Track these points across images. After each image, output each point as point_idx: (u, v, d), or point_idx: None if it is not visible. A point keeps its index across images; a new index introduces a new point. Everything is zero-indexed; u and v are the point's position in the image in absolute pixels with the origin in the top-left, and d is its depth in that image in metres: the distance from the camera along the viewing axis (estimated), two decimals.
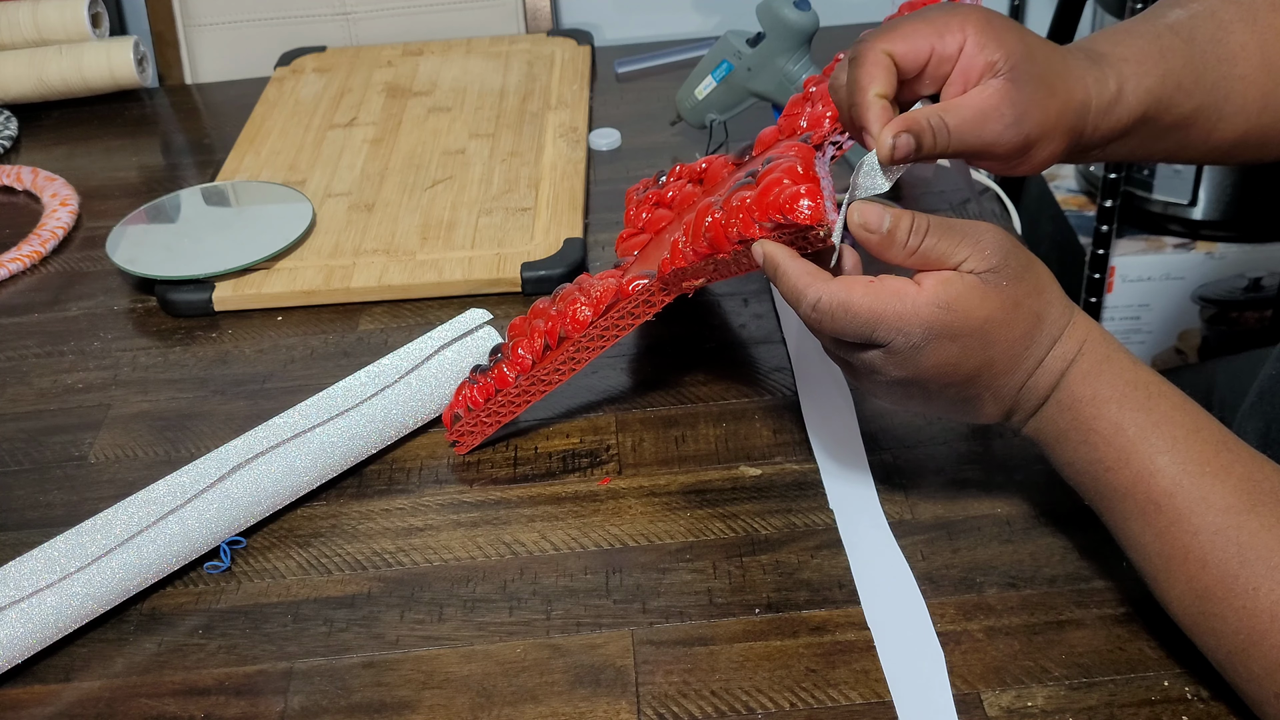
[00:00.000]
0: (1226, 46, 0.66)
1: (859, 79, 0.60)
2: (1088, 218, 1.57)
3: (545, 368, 0.72)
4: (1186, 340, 1.61)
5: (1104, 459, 0.58)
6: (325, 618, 0.67)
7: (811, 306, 0.58)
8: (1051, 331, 0.59)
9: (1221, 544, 0.55)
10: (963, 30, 0.61)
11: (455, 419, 0.75)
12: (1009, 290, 0.58)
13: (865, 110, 0.60)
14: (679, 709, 0.60)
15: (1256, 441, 0.79)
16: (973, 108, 0.61)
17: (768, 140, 0.75)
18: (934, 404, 0.61)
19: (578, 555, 0.69)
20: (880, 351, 0.58)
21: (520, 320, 0.76)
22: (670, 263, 0.68)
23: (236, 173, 1.05)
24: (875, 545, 0.68)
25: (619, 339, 0.72)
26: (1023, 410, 0.61)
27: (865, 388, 0.63)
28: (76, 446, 0.79)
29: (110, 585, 0.66)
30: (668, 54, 1.22)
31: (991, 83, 0.61)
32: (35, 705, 0.63)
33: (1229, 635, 0.55)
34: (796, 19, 0.95)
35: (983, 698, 0.60)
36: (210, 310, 0.90)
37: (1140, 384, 0.58)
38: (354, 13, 1.35)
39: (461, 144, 1.07)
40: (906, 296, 0.57)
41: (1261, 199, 1.52)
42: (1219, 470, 0.56)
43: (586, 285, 0.72)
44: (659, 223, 0.80)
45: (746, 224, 0.62)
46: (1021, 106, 0.61)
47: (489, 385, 0.74)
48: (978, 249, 0.58)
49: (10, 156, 1.15)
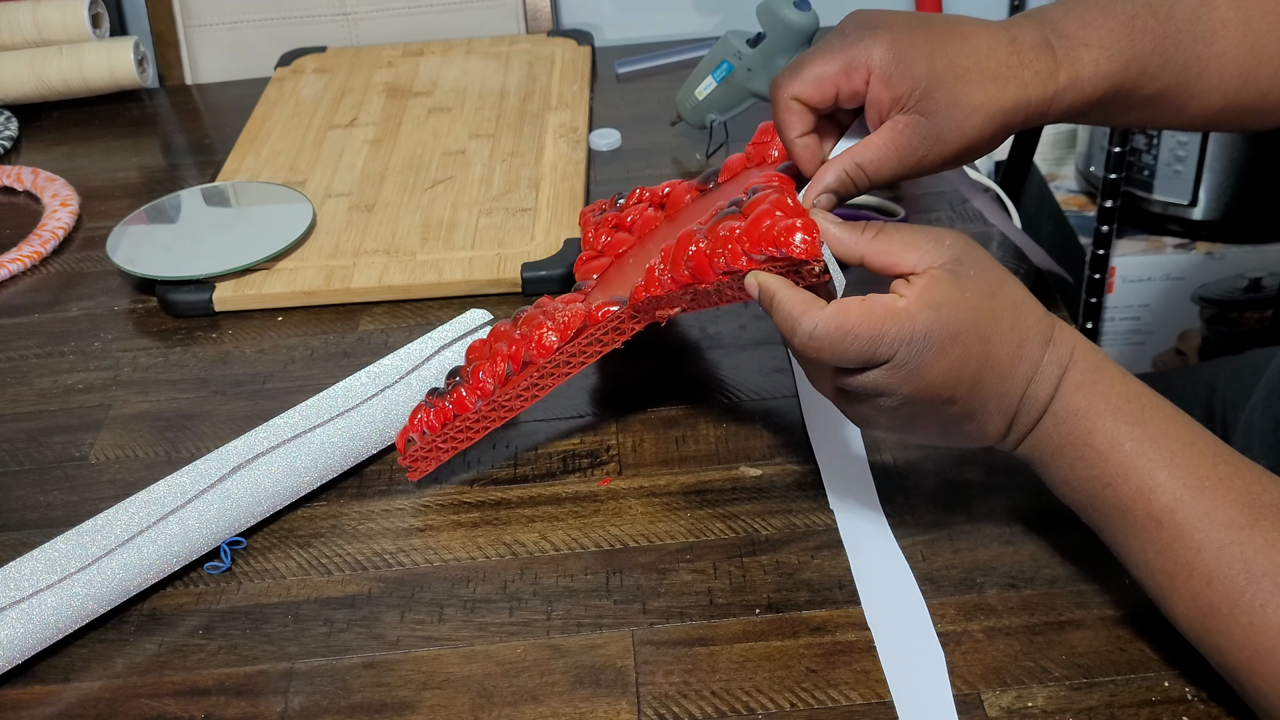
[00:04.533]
0: (1207, 24, 0.66)
1: (779, 126, 0.65)
2: (1088, 218, 1.57)
3: (507, 393, 0.70)
4: (1187, 340, 1.61)
5: (1101, 475, 0.57)
6: (325, 618, 0.67)
7: (808, 335, 0.57)
8: (1040, 330, 0.58)
9: (1226, 560, 0.54)
10: (866, 67, 0.62)
11: (409, 443, 0.72)
12: (979, 278, 0.57)
13: (794, 153, 0.65)
14: (679, 709, 0.60)
15: (1269, 435, 0.79)
16: (882, 147, 0.63)
17: (734, 167, 0.73)
18: (938, 424, 0.59)
19: (578, 555, 0.69)
20: (884, 370, 0.57)
21: (479, 344, 0.74)
22: (645, 290, 0.66)
23: (237, 173, 1.05)
24: (875, 545, 0.68)
25: (584, 366, 0.70)
26: (1022, 423, 0.59)
27: (868, 419, 0.60)
28: (77, 447, 0.79)
29: (110, 585, 0.66)
30: (668, 54, 1.22)
31: (900, 119, 0.63)
32: (35, 705, 0.63)
33: (1236, 652, 0.54)
34: (796, 19, 0.96)
35: (983, 698, 0.60)
36: (210, 310, 0.90)
37: (1133, 396, 0.58)
38: (354, 13, 1.35)
39: (462, 144, 1.07)
40: (899, 307, 0.56)
41: (1261, 199, 1.52)
42: (1218, 484, 0.55)
43: (550, 309, 0.70)
44: (618, 246, 0.77)
45: (735, 255, 0.61)
46: (934, 135, 0.62)
47: (446, 410, 0.71)
48: (936, 241, 0.58)
49: (11, 157, 1.15)
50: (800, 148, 0.64)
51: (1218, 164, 1.49)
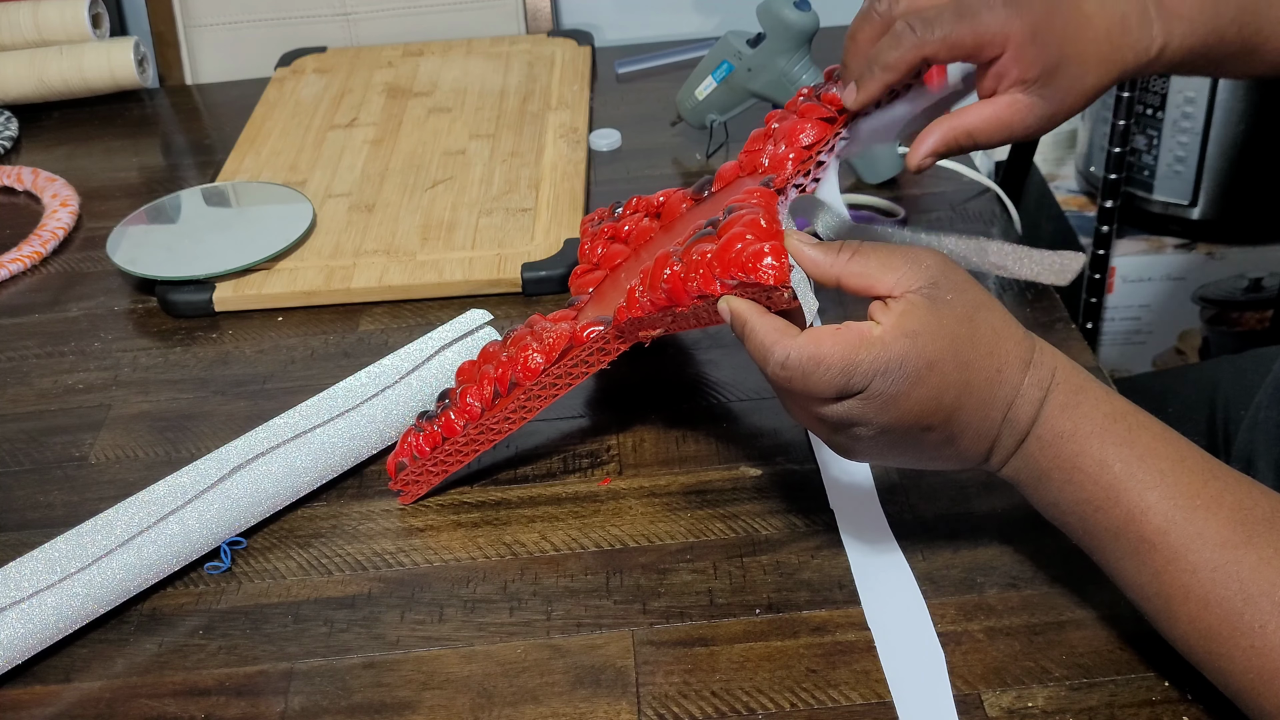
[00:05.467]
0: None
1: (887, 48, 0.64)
2: (1088, 218, 1.57)
3: (495, 416, 0.70)
4: (1187, 341, 1.61)
5: (1091, 498, 0.56)
6: (326, 618, 0.67)
7: (780, 365, 0.56)
8: (1019, 353, 0.57)
9: (1222, 581, 0.53)
10: (1004, 44, 0.63)
11: (400, 467, 0.72)
12: (956, 303, 0.56)
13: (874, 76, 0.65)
14: (679, 709, 0.60)
15: (1275, 431, 0.79)
16: (997, 118, 0.64)
17: (728, 175, 0.72)
18: (918, 451, 0.58)
19: (578, 555, 0.69)
20: (858, 399, 0.55)
21: (469, 365, 0.73)
22: (626, 311, 0.65)
23: (237, 173, 1.05)
24: (876, 545, 0.68)
25: (572, 387, 0.69)
26: (1004, 447, 0.58)
27: (846, 447, 0.59)
28: (77, 447, 0.79)
29: (111, 586, 0.66)
30: (668, 54, 1.22)
31: (1020, 97, 0.64)
32: (35, 706, 0.63)
33: (1238, 675, 0.53)
34: (797, 19, 0.96)
35: (983, 698, 0.60)
36: (211, 311, 0.90)
37: (1119, 415, 0.57)
38: (354, 13, 1.35)
39: (462, 144, 1.07)
40: (874, 335, 0.55)
41: (1261, 200, 1.52)
42: (1210, 502, 0.54)
43: (539, 330, 0.70)
44: (614, 258, 0.77)
45: (707, 280, 0.59)
46: (1048, 115, 0.64)
47: (435, 434, 0.71)
48: (913, 263, 0.56)
49: (11, 157, 1.15)
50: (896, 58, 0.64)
51: (1218, 164, 1.49)
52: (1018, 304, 0.85)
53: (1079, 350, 0.79)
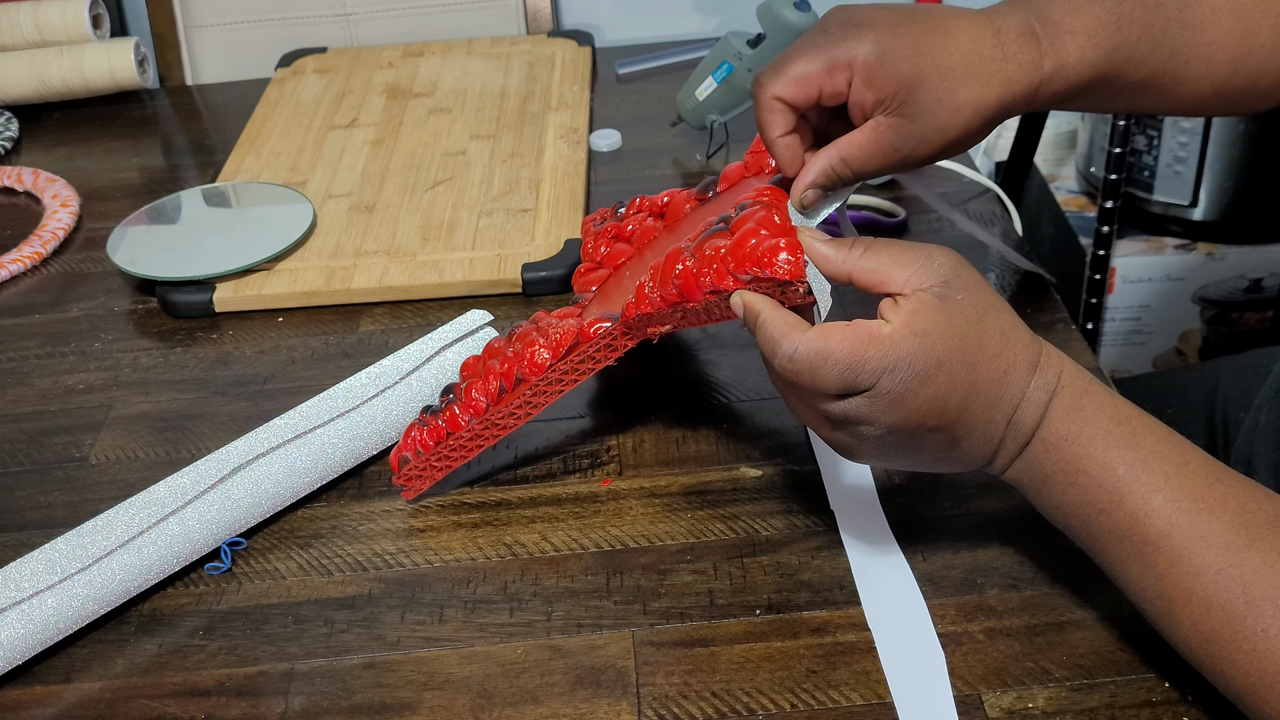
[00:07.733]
0: (1196, 10, 0.65)
1: (761, 125, 0.63)
2: (1088, 218, 1.57)
3: (500, 411, 0.69)
4: (1187, 341, 1.61)
5: (1095, 501, 0.56)
6: (326, 619, 0.67)
7: (788, 357, 0.56)
8: (1026, 356, 0.57)
9: (1225, 584, 0.53)
10: (849, 68, 0.61)
11: (403, 462, 0.72)
12: (967, 303, 0.56)
13: (775, 152, 0.63)
14: (680, 710, 0.60)
15: (1275, 434, 0.79)
16: (866, 145, 0.62)
17: (733, 176, 0.72)
18: (921, 453, 0.58)
19: (578, 556, 0.69)
20: (865, 397, 0.55)
21: (473, 360, 0.73)
22: (635, 307, 0.65)
23: (237, 174, 1.06)
24: (876, 546, 0.68)
25: (578, 383, 0.69)
26: (1008, 450, 0.58)
27: (850, 447, 0.59)
28: (77, 447, 0.79)
29: (111, 586, 0.66)
30: (668, 55, 1.22)
31: (883, 120, 0.61)
32: (36, 706, 0.63)
33: (1240, 678, 0.53)
34: (797, 20, 0.96)
35: (984, 699, 0.60)
36: (211, 311, 0.90)
37: (1123, 419, 0.57)
38: (355, 14, 1.35)
39: (462, 145, 1.07)
40: (884, 334, 0.55)
41: (1261, 200, 1.52)
42: (1213, 505, 0.54)
43: (545, 326, 0.70)
44: (617, 257, 0.77)
45: (720, 275, 0.60)
46: (918, 135, 0.61)
47: (439, 428, 0.70)
48: (926, 260, 0.56)
49: (11, 157, 1.15)
50: (782, 148, 0.63)
51: (1218, 164, 1.49)
52: (1018, 304, 0.85)
53: (1079, 351, 0.79)
